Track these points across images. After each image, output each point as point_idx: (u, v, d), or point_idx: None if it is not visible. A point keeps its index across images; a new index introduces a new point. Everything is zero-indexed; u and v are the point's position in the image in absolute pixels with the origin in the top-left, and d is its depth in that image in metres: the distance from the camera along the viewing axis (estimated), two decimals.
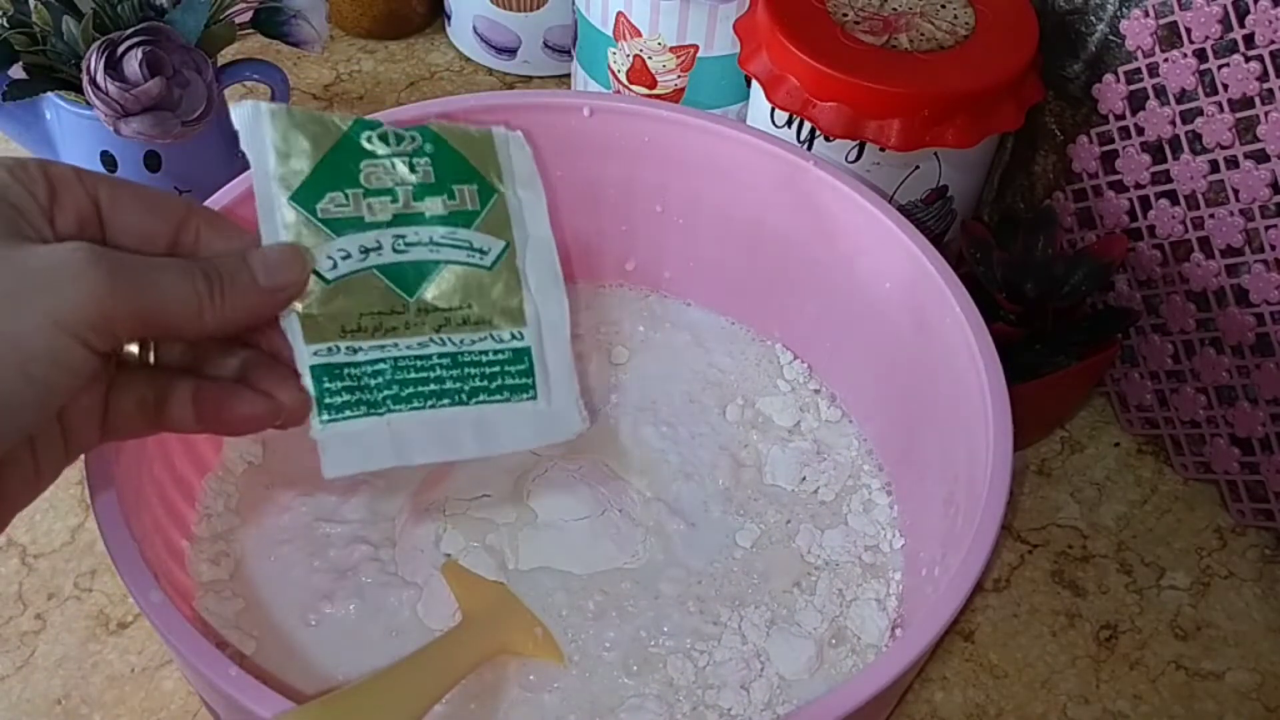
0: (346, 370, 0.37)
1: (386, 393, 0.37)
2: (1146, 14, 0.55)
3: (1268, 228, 0.53)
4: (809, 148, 0.58)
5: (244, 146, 0.37)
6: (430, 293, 0.39)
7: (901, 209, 0.55)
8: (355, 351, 0.37)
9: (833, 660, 0.48)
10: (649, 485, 0.53)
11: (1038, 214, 0.60)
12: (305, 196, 0.37)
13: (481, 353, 0.39)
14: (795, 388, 0.58)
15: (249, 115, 0.37)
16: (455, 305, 0.39)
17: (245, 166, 0.38)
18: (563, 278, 0.41)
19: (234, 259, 0.35)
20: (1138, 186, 0.58)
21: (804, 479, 0.54)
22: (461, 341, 0.39)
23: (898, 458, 0.54)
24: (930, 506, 0.49)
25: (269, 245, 0.36)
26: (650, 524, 0.51)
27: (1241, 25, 0.51)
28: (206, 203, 0.47)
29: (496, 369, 0.39)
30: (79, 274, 0.30)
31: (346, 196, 0.38)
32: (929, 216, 0.60)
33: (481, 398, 0.39)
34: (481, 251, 0.40)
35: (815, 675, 0.48)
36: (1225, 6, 0.51)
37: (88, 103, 0.55)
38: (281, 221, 0.37)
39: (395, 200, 0.38)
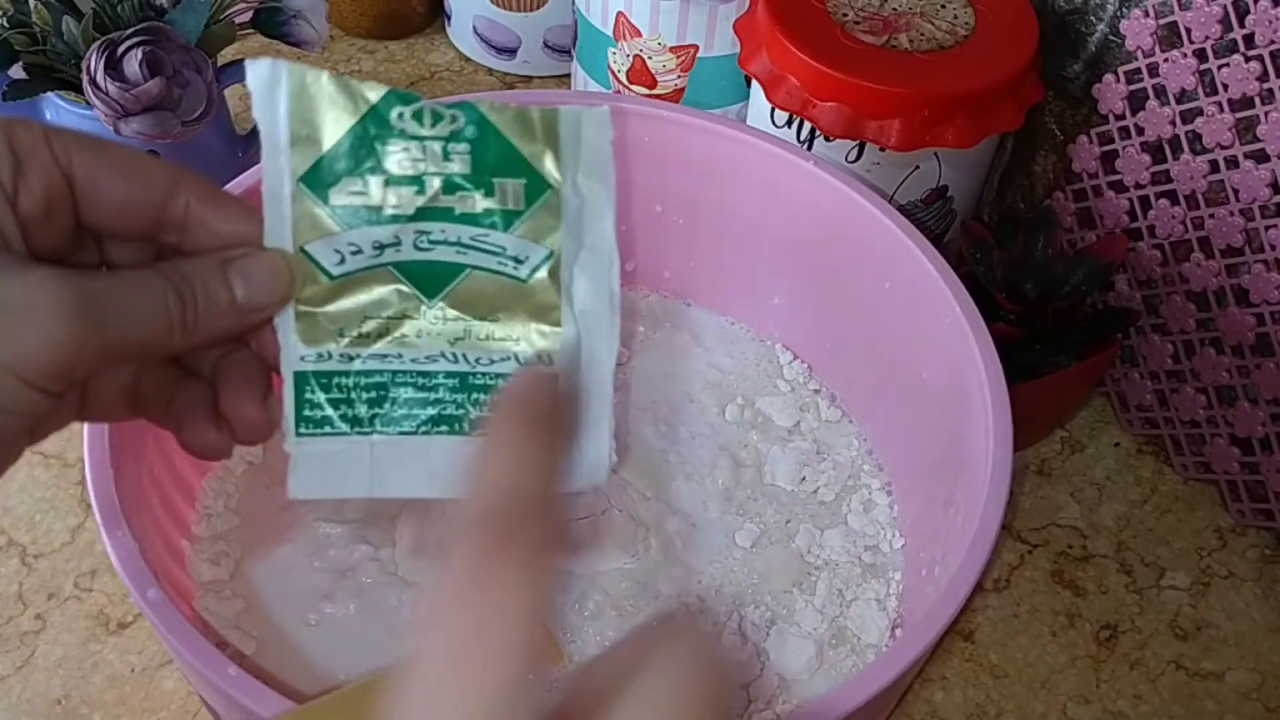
0: (336, 380, 0.33)
1: (376, 411, 0.33)
2: (1146, 14, 0.55)
3: (1268, 228, 0.53)
4: (809, 148, 0.58)
5: (255, 112, 0.32)
6: (452, 299, 0.33)
7: (901, 209, 0.55)
8: (351, 360, 0.33)
9: (833, 660, 0.48)
10: (649, 485, 0.53)
11: (1038, 214, 0.60)
12: (316, 180, 0.32)
13: (498, 375, 0.34)
14: (795, 388, 0.58)
15: (265, 75, 0.32)
16: (480, 317, 0.34)
17: (246, 167, 0.36)
18: (619, 300, 0.34)
19: (213, 271, 0.31)
20: (1138, 186, 0.58)
21: (804, 479, 0.54)
22: (478, 361, 0.34)
23: (898, 458, 0.54)
24: (930, 506, 0.49)
25: (252, 256, 0.32)
26: (650, 524, 0.51)
27: (1241, 25, 0.51)
28: None
29: None
30: (43, 319, 0.27)
31: (365, 183, 0.32)
32: (929, 216, 0.60)
33: None
34: (517, 260, 0.34)
35: (815, 675, 0.48)
36: (1225, 6, 0.51)
37: (88, 103, 0.55)
38: (286, 207, 0.32)
39: (422, 192, 0.33)
